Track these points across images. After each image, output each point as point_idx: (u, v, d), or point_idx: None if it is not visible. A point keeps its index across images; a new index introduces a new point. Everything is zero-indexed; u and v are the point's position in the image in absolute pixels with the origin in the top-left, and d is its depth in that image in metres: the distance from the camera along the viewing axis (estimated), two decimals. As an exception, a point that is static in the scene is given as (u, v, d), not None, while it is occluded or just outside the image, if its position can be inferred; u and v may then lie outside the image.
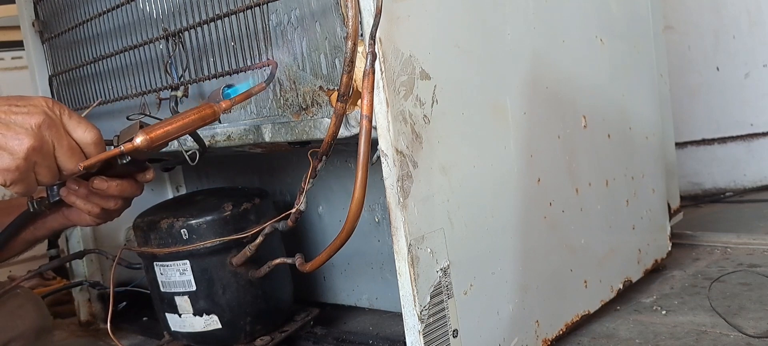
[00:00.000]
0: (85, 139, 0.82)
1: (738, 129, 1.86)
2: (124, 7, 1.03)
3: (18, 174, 0.77)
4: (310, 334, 1.12)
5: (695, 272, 1.22)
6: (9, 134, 0.76)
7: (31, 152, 0.77)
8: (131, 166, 0.93)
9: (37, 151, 0.77)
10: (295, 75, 0.84)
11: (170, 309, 1.04)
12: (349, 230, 0.74)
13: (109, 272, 0.96)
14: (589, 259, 1.03)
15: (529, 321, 0.92)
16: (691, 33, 1.86)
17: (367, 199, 0.80)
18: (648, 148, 1.18)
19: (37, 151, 0.77)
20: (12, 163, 0.76)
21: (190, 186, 1.53)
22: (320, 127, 0.82)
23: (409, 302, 0.77)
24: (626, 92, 1.13)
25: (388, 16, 0.72)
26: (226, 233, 0.99)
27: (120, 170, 0.94)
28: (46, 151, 0.78)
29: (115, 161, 0.91)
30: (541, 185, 0.94)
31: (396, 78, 0.74)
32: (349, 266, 1.22)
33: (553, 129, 0.97)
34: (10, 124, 0.77)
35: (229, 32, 0.88)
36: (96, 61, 1.14)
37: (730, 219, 1.61)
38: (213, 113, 0.80)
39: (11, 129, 0.76)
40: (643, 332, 0.99)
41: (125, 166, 0.92)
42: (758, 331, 0.92)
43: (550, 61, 0.96)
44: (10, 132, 0.76)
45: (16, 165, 0.76)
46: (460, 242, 0.82)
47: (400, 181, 0.74)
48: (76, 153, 0.81)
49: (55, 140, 0.79)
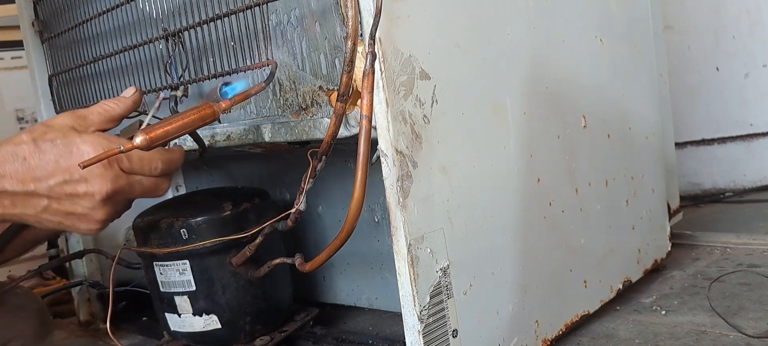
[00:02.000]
0: (140, 148, 0.77)
1: (738, 129, 1.86)
2: (124, 7, 1.03)
3: (107, 223, 0.76)
4: (309, 334, 1.12)
5: (695, 272, 1.22)
6: (78, 213, 0.74)
7: (110, 208, 0.75)
8: None
9: (114, 202, 0.76)
10: (295, 75, 0.84)
11: (170, 309, 1.04)
12: (348, 230, 0.74)
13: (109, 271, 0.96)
14: (589, 259, 1.03)
15: (529, 321, 0.92)
16: (690, 33, 1.86)
17: (367, 199, 0.80)
18: (648, 148, 1.18)
19: (114, 201, 0.76)
20: (94, 227, 0.75)
21: (190, 186, 1.53)
22: (320, 127, 0.82)
23: (408, 302, 0.77)
24: (626, 92, 1.13)
25: (388, 16, 0.72)
26: (225, 232, 0.98)
27: None
28: (124, 193, 0.76)
29: None
30: (540, 185, 0.94)
31: (396, 78, 0.74)
32: (349, 266, 1.22)
33: (553, 129, 0.97)
34: (76, 201, 0.73)
35: (228, 32, 0.88)
36: (96, 60, 1.14)
37: (730, 219, 1.61)
38: (213, 113, 0.80)
39: (77, 204, 0.73)
40: (643, 332, 0.99)
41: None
42: (758, 331, 0.92)
43: (550, 61, 0.96)
44: (76, 213, 0.74)
45: (98, 225, 0.75)
46: (460, 242, 0.82)
47: (400, 181, 0.74)
48: (150, 161, 0.78)
49: (127, 184, 0.76)
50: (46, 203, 0.73)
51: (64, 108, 1.29)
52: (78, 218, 0.75)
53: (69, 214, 0.74)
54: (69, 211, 0.74)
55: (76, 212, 0.74)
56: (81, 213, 0.74)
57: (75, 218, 0.75)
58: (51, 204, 0.73)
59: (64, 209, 0.74)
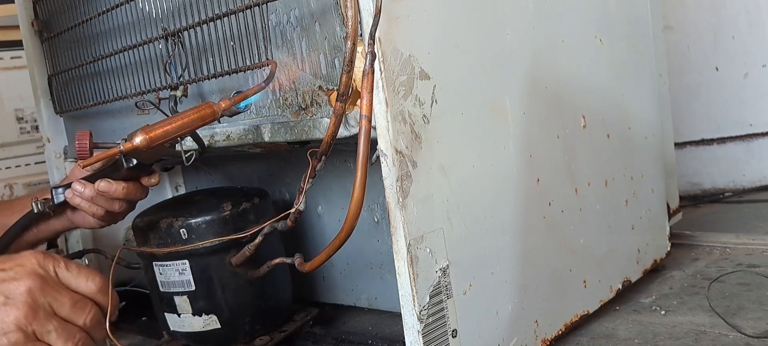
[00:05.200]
0: (89, 288, 0.73)
1: (737, 129, 1.86)
2: (124, 6, 1.03)
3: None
4: (309, 334, 1.12)
5: (694, 272, 1.22)
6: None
7: (24, 323, 0.67)
8: (137, 169, 0.94)
9: (31, 320, 0.67)
10: (295, 75, 0.84)
11: (169, 309, 1.04)
12: (348, 230, 0.74)
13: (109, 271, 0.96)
14: (589, 259, 1.03)
15: (529, 321, 0.92)
16: (690, 33, 1.86)
17: (367, 199, 0.81)
18: (647, 148, 1.18)
19: (31, 320, 0.67)
20: (4, 341, 0.66)
21: (190, 186, 1.53)
22: (319, 127, 0.82)
23: (408, 302, 0.77)
24: (625, 92, 1.13)
25: (388, 16, 0.72)
26: (225, 232, 0.98)
27: (125, 174, 0.94)
28: (43, 317, 0.68)
29: (121, 164, 0.91)
30: (540, 185, 0.94)
31: (395, 78, 0.74)
32: (349, 266, 1.22)
33: (553, 129, 0.97)
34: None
35: (228, 32, 0.88)
36: (95, 60, 1.14)
37: (729, 219, 1.61)
38: (212, 113, 0.80)
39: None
40: (643, 332, 0.99)
41: (131, 169, 0.92)
42: (757, 331, 0.92)
43: (549, 61, 0.96)
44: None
45: (10, 342, 0.66)
46: (460, 242, 0.82)
47: (400, 181, 0.74)
48: (84, 305, 0.72)
49: (52, 301, 0.70)
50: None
51: (64, 108, 1.29)
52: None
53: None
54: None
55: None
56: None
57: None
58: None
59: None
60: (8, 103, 1.89)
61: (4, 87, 1.88)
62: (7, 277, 0.69)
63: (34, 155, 1.90)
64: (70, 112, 1.28)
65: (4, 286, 0.68)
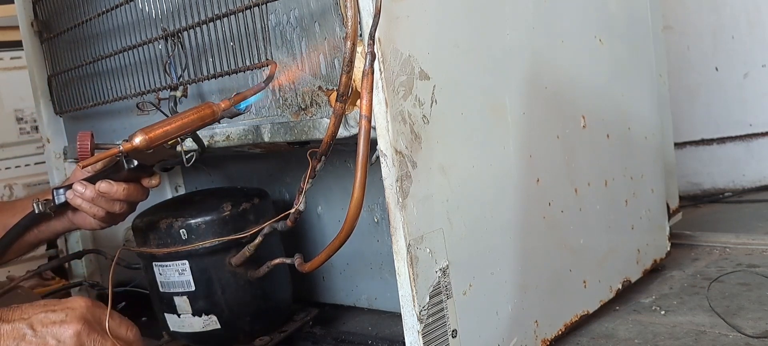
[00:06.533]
0: (127, 338, 0.83)
1: (737, 129, 1.87)
2: (123, 7, 1.03)
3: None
4: (309, 334, 1.12)
5: (694, 272, 1.22)
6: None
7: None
8: (138, 170, 0.93)
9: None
10: (294, 75, 0.84)
11: (169, 309, 1.04)
12: (348, 230, 0.74)
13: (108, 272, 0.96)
14: (589, 259, 1.03)
15: (528, 321, 0.92)
16: (690, 33, 1.86)
17: (367, 199, 0.80)
18: (647, 149, 1.18)
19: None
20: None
21: (190, 186, 1.53)
22: (319, 128, 0.82)
23: (408, 302, 0.77)
24: (625, 92, 1.13)
25: (388, 16, 0.72)
26: (225, 233, 0.98)
27: (126, 175, 0.94)
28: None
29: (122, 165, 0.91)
30: (540, 185, 0.94)
31: (395, 78, 0.74)
32: (349, 266, 1.22)
33: (553, 129, 0.97)
34: (47, 337, 0.75)
35: (228, 32, 0.88)
36: (95, 61, 1.14)
37: (729, 219, 1.61)
38: (212, 113, 0.80)
39: (48, 343, 0.75)
40: (642, 332, 0.99)
41: (132, 170, 0.92)
42: (757, 331, 0.92)
43: (549, 61, 0.96)
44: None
45: None
46: (459, 242, 0.82)
47: (399, 181, 0.74)
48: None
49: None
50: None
51: (64, 108, 1.29)
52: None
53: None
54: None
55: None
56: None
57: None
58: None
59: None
60: (8, 103, 1.89)
61: (4, 87, 1.87)
62: (58, 319, 0.76)
63: (34, 156, 1.90)
64: (70, 112, 1.28)
65: (55, 329, 0.76)
